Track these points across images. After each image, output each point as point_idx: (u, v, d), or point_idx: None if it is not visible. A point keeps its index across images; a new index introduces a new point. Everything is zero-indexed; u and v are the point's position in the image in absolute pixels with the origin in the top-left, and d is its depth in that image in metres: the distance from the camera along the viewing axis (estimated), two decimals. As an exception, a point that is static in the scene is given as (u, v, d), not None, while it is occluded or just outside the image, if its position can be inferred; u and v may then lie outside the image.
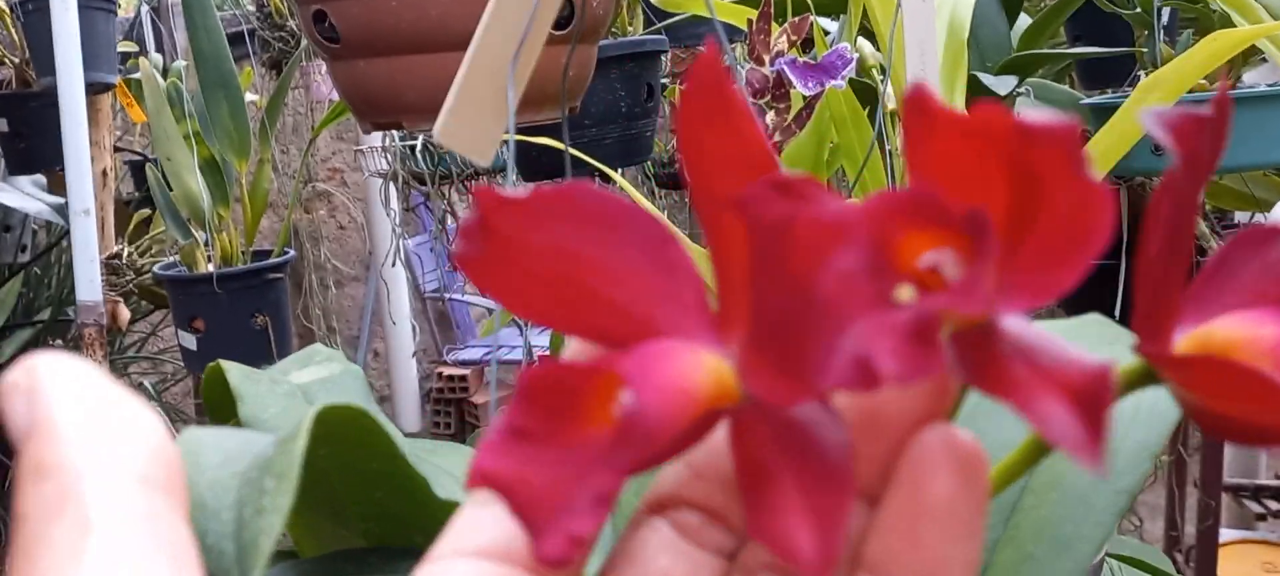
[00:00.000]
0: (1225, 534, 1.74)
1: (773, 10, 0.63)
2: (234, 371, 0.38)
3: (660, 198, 1.84)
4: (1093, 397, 0.15)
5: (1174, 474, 1.56)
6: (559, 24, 0.67)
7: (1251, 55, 0.88)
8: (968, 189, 0.16)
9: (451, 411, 3.05)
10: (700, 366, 0.17)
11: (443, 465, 0.33)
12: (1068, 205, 0.16)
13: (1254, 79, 1.04)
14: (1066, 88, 1.17)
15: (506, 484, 0.17)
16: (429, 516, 0.31)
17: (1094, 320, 0.34)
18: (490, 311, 2.85)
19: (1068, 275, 0.17)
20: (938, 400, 0.18)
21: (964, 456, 0.17)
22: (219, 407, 0.39)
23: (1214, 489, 1.59)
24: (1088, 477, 0.26)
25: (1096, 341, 0.33)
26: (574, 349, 0.19)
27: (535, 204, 0.17)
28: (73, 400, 0.17)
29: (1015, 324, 0.16)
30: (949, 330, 0.16)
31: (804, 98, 0.61)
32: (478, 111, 0.36)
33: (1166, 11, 1.01)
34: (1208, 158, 0.18)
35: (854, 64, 0.62)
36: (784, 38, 0.60)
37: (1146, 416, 0.27)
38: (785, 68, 0.60)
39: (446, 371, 3.05)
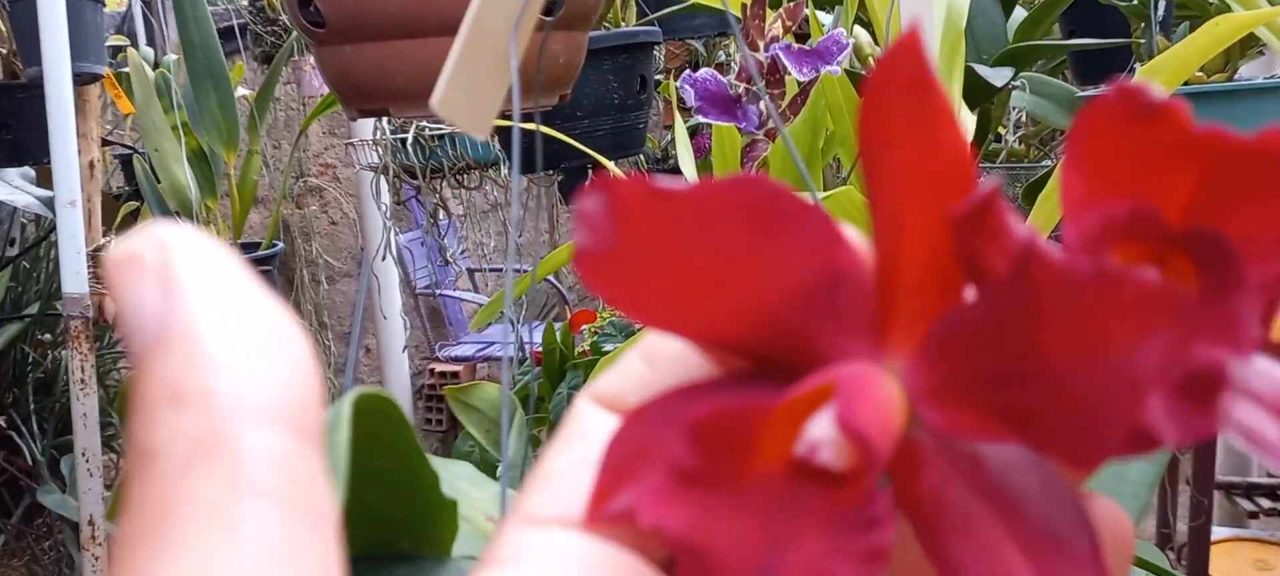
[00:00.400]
0: (1217, 532, 1.74)
1: (767, -4, 0.62)
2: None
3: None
4: None
5: (1166, 471, 1.56)
6: (547, 10, 0.66)
7: (1249, 47, 0.87)
8: (1146, 192, 0.15)
9: (443, 407, 3.05)
10: (896, 397, 0.15)
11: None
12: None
13: (1251, 72, 1.03)
14: (1061, 82, 1.16)
15: (689, 541, 0.15)
16: (425, 520, 0.29)
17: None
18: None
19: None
20: None
21: (1116, 533, 0.16)
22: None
23: (1206, 487, 1.59)
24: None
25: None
26: (659, 350, 0.17)
27: (700, 199, 0.15)
28: (219, 304, 0.14)
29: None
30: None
31: (799, 84, 0.60)
32: (476, 82, 0.35)
33: (1162, 4, 1.00)
34: None
35: (849, 49, 0.61)
36: (779, 22, 0.59)
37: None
38: (780, 53, 0.59)
39: (439, 367, 3.05)
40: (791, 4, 0.61)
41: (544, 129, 0.78)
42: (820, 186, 0.70)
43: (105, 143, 1.99)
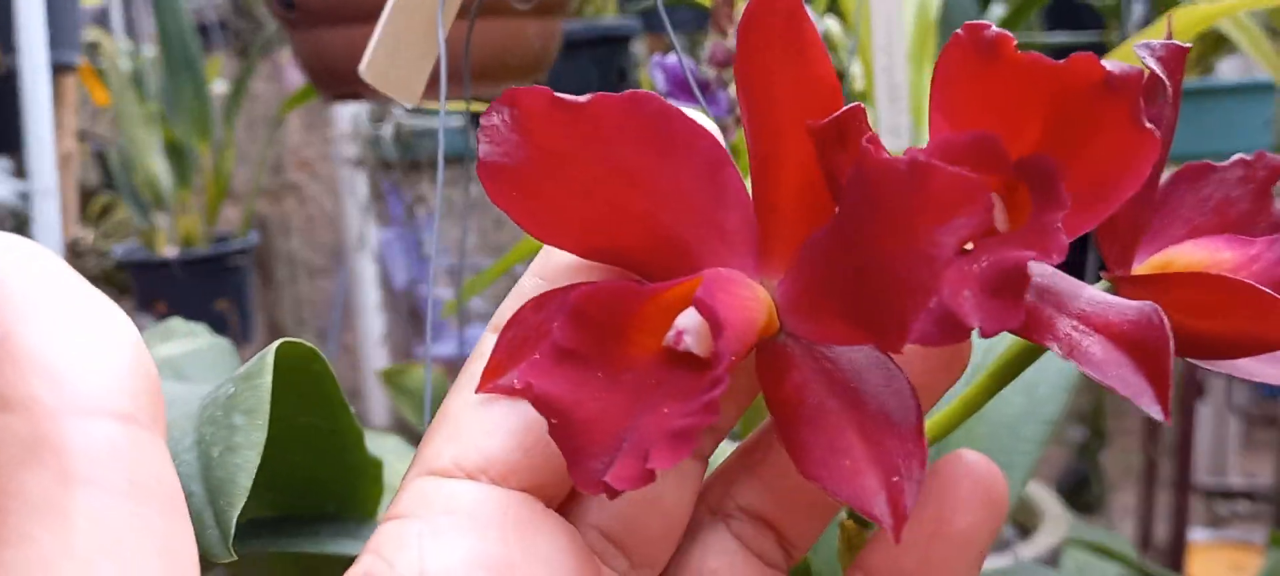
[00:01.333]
0: (1195, 535, 1.75)
1: (739, -18, 0.62)
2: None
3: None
4: (1151, 346, 0.15)
5: (1146, 475, 1.57)
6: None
7: (1222, 45, 0.88)
8: (998, 128, 0.16)
9: (423, 407, 3.04)
10: (759, 298, 0.16)
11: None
12: (1115, 149, 0.16)
13: (1224, 71, 1.04)
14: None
15: (558, 406, 0.16)
16: (350, 480, 0.29)
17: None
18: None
19: (1093, 219, 0.17)
20: (954, 358, 0.18)
21: (990, 488, 0.17)
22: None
23: (1185, 490, 1.60)
24: (1014, 409, 0.26)
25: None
26: (552, 262, 0.18)
27: (598, 111, 0.16)
28: (40, 305, 0.14)
29: (1044, 267, 0.16)
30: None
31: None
32: (405, 49, 0.35)
33: (1138, 5, 1.01)
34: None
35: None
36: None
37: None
38: (749, 39, 0.59)
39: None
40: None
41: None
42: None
43: (82, 137, 1.98)
